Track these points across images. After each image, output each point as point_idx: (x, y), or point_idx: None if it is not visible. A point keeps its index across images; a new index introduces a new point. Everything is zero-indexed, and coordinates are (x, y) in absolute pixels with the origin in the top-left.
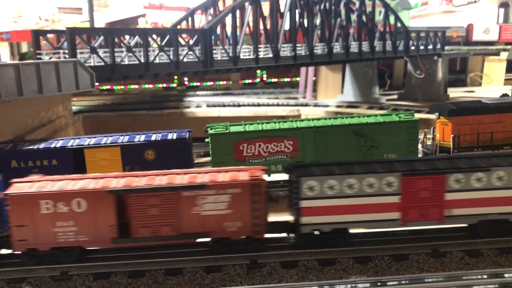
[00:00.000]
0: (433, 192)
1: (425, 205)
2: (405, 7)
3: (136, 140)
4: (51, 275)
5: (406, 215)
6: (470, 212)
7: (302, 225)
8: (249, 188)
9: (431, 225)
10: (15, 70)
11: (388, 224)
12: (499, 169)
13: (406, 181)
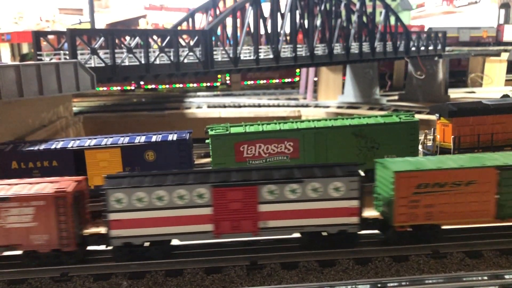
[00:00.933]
0: (245, 204)
1: (238, 217)
2: (406, 8)
3: (137, 141)
4: (51, 276)
5: (219, 227)
6: (286, 224)
7: (112, 238)
8: (54, 200)
9: (247, 237)
10: (15, 71)
11: (201, 236)
12: (313, 181)
13: (217, 192)
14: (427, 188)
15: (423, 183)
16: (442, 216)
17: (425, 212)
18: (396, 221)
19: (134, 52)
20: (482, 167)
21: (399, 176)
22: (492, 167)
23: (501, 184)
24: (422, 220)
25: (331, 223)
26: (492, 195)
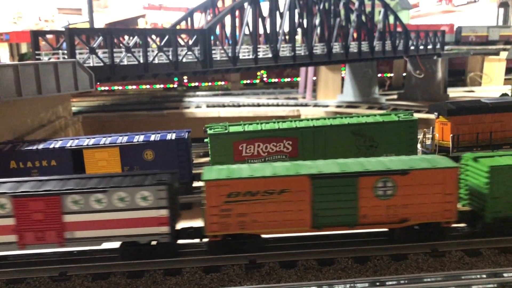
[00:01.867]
0: (48, 214)
1: (41, 227)
2: (405, 7)
3: (135, 140)
4: (50, 275)
5: (23, 238)
6: (94, 235)
7: None
8: None
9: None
10: (14, 71)
11: (6, 247)
12: (118, 190)
13: (18, 203)
14: (238, 197)
15: (234, 191)
16: (256, 225)
17: (238, 221)
18: (208, 231)
19: (132, 51)
20: (294, 175)
21: (209, 185)
22: (305, 175)
23: (314, 193)
24: (235, 230)
25: (140, 233)
26: (307, 204)
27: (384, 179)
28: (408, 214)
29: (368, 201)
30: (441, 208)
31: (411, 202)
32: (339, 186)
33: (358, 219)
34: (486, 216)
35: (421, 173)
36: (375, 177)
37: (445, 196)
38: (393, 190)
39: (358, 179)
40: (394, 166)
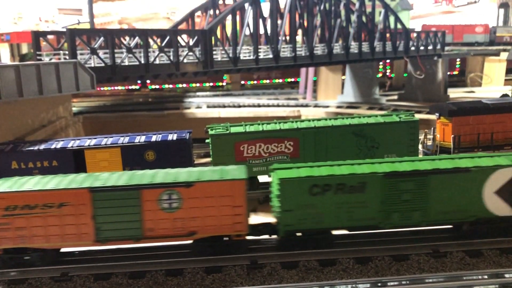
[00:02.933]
0: None
1: None
2: (405, 8)
3: (136, 141)
4: (52, 276)
5: None
6: None
7: None
8: None
9: None
10: (15, 71)
11: None
12: None
13: None
14: (16, 210)
15: (12, 205)
16: (37, 239)
17: (18, 235)
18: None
19: (133, 52)
20: (72, 188)
21: None
22: (84, 188)
23: (95, 206)
24: (15, 243)
25: None
26: (88, 217)
27: (168, 192)
28: (196, 227)
29: (153, 214)
30: (231, 221)
31: (198, 215)
32: (122, 199)
33: (144, 232)
34: (279, 229)
35: (207, 185)
36: (159, 189)
37: (234, 208)
38: (178, 203)
39: (141, 191)
40: (181, 178)
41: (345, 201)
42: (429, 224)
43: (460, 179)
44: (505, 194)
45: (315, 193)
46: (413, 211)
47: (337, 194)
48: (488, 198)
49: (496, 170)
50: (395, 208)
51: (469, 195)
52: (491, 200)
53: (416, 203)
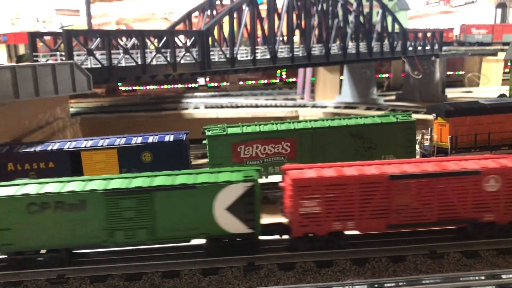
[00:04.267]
0: None
1: None
2: (403, 8)
3: (133, 142)
4: (48, 278)
5: None
6: None
7: None
8: None
9: None
10: (11, 73)
11: None
12: None
13: None
14: None
15: None
16: None
17: None
18: None
19: (130, 53)
20: None
21: None
22: None
23: None
24: None
25: None
26: None
27: None
28: None
29: None
30: None
31: None
32: None
33: None
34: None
35: None
36: None
37: None
38: None
39: None
40: None
41: (66, 219)
42: (158, 243)
43: (188, 196)
44: (236, 211)
45: (33, 211)
46: (138, 229)
47: (57, 212)
48: (219, 215)
49: (225, 186)
50: (119, 226)
51: (200, 212)
52: (224, 216)
53: (141, 220)
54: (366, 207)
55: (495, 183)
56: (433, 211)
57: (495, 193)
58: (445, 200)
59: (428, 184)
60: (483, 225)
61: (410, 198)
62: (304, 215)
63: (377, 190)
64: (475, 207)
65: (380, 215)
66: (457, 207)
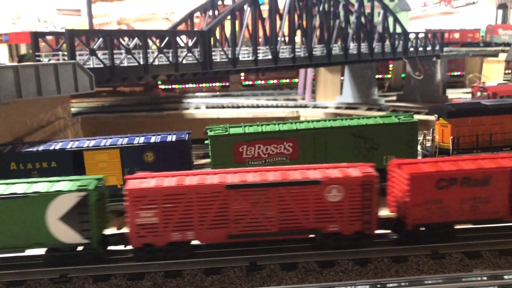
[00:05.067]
0: None
1: None
2: (404, 9)
3: (136, 142)
4: (50, 277)
5: None
6: None
7: None
8: None
9: None
10: (14, 72)
11: None
12: None
13: None
14: None
15: None
16: None
17: None
18: None
19: (132, 53)
20: None
21: None
22: None
23: None
24: None
25: None
26: None
27: None
28: None
29: None
30: None
31: None
32: None
33: None
34: None
35: None
36: None
37: None
38: None
39: None
40: None
41: None
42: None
43: (20, 205)
44: (70, 221)
45: None
46: None
47: None
48: (53, 225)
49: (57, 196)
50: None
51: (32, 222)
52: (57, 226)
53: None
54: (206, 217)
55: (337, 193)
56: (273, 221)
57: (338, 203)
58: (286, 210)
59: (267, 193)
60: (330, 236)
61: (249, 207)
62: (141, 225)
63: (215, 199)
64: (318, 217)
65: (220, 225)
66: (299, 218)
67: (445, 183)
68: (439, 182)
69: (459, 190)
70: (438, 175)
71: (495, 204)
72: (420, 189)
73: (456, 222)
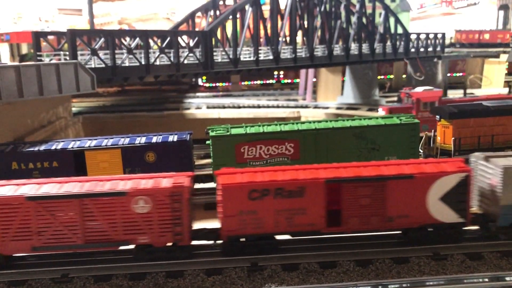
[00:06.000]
0: None
1: None
2: (405, 9)
3: (137, 142)
4: (52, 277)
5: None
6: None
7: None
8: None
9: None
10: (15, 72)
11: None
12: None
13: None
14: None
15: None
16: None
17: None
18: None
19: (134, 53)
20: None
21: None
22: None
23: None
24: None
25: None
26: None
27: None
28: None
29: None
30: None
31: None
32: None
33: None
34: None
35: None
36: None
37: None
38: None
39: None
40: None
41: None
42: None
43: None
44: None
45: None
46: None
47: None
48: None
49: None
50: None
51: None
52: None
53: None
54: (9, 229)
55: (145, 204)
56: (78, 233)
57: (147, 215)
58: (92, 221)
59: (70, 205)
60: (142, 247)
61: (51, 219)
62: None
63: (16, 211)
64: (126, 229)
65: (24, 236)
66: (107, 229)
67: (258, 194)
68: (251, 193)
69: (273, 202)
70: (250, 186)
71: (311, 216)
72: (233, 200)
73: (274, 234)
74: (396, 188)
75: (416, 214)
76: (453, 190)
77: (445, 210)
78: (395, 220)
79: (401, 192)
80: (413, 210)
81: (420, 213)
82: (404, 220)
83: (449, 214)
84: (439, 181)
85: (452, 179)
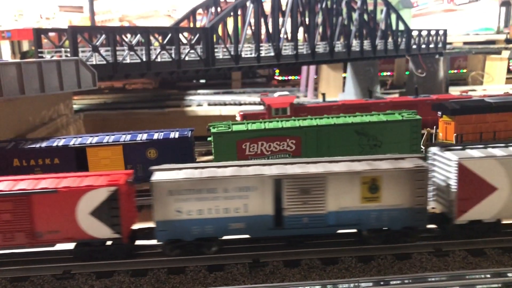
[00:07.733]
0: None
1: None
2: (406, 6)
3: (138, 138)
4: (54, 273)
5: None
6: None
7: None
8: None
9: None
10: (17, 69)
11: None
12: None
13: None
14: None
15: None
16: None
17: None
18: None
19: (135, 49)
20: None
21: None
22: None
23: None
24: None
25: None
26: None
27: None
28: None
29: None
30: None
31: None
32: None
33: None
34: None
35: None
36: None
37: None
38: None
39: None
40: None
41: None
42: None
43: None
44: None
45: None
46: None
47: None
48: None
49: None
50: None
51: None
52: None
53: None
54: None
55: None
56: None
57: None
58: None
59: None
60: None
61: None
62: None
63: None
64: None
65: None
66: None
67: None
68: None
69: None
70: None
71: None
72: None
73: None
74: (42, 203)
75: (67, 229)
76: (104, 204)
77: (97, 226)
78: (45, 235)
79: (48, 207)
80: (63, 225)
81: (70, 228)
82: (55, 236)
83: (102, 229)
84: (86, 196)
85: (101, 193)
